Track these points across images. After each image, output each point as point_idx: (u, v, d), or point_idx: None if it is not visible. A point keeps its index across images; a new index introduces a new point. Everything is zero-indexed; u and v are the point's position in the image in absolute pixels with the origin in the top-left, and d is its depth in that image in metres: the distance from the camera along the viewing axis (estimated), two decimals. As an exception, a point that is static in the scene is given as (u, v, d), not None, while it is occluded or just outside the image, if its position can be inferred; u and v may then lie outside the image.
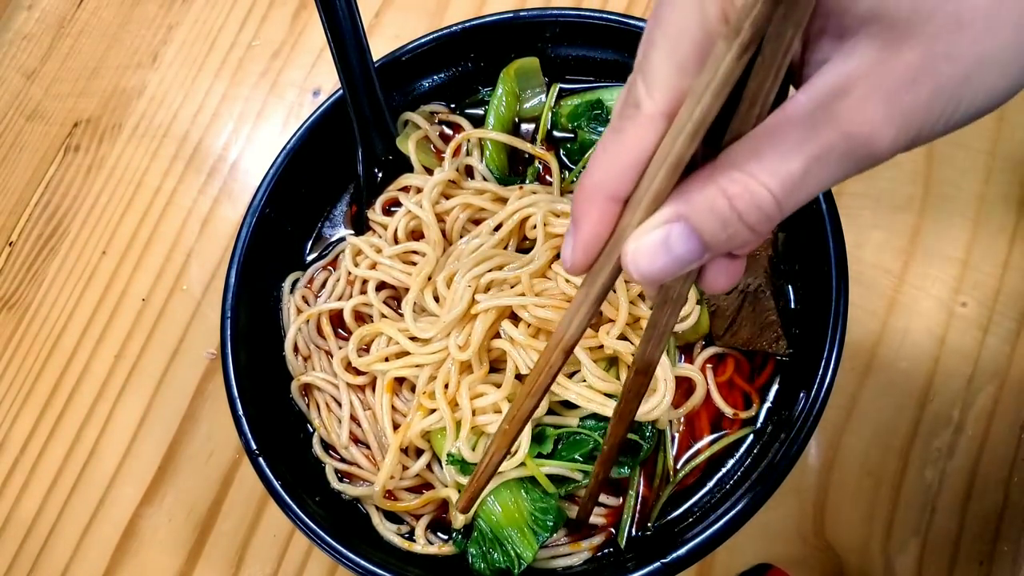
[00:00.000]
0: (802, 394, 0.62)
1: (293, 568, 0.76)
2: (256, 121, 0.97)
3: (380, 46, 0.76)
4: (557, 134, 0.79)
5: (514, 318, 0.67)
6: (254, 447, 0.66)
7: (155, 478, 0.82)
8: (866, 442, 0.70)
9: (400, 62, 0.77)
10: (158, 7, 1.07)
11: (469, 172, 0.78)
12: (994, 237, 0.75)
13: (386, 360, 0.70)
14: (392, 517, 0.69)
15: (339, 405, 0.73)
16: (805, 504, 0.70)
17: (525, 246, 0.73)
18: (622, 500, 0.66)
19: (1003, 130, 0.78)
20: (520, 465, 0.63)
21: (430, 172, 0.77)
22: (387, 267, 0.73)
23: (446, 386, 0.66)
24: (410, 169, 0.78)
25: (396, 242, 0.75)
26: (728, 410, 0.67)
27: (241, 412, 0.67)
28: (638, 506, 0.66)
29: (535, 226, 0.69)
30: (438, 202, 0.74)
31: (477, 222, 0.75)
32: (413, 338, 0.69)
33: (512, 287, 0.67)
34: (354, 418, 0.72)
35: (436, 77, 0.81)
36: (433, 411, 0.66)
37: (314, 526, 0.62)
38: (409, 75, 0.80)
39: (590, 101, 0.77)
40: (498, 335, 0.67)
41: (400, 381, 0.71)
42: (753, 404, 0.68)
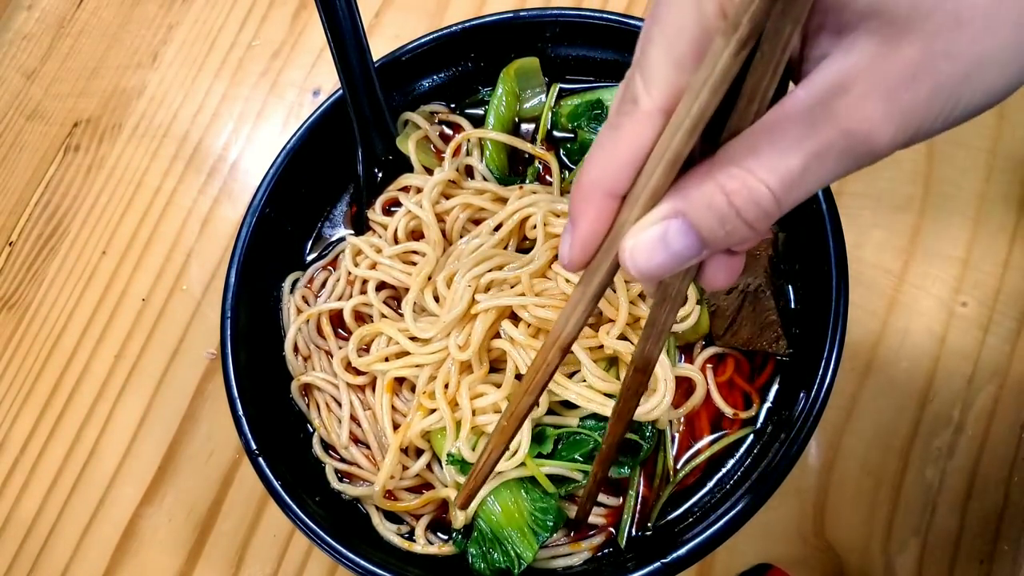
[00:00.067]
0: (802, 394, 0.62)
1: (293, 568, 0.76)
2: (256, 121, 0.97)
3: (380, 46, 0.76)
4: (557, 134, 0.79)
5: (514, 318, 0.67)
6: (254, 447, 0.66)
7: (155, 478, 0.82)
8: (866, 442, 0.70)
9: (400, 62, 0.77)
10: (158, 7, 1.07)
11: (469, 172, 0.78)
12: (994, 236, 0.75)
13: (386, 360, 0.70)
14: (392, 517, 0.69)
15: (339, 405, 0.73)
16: (805, 504, 0.69)
17: (525, 246, 0.73)
18: (622, 500, 0.66)
19: (1003, 129, 0.78)
20: (520, 465, 0.63)
21: (430, 172, 0.77)
22: (387, 267, 0.73)
23: (446, 386, 0.66)
24: (410, 169, 0.78)
25: (396, 242, 0.75)
26: (728, 410, 0.67)
27: (241, 412, 0.67)
28: (638, 506, 0.66)
29: (535, 226, 0.69)
30: (438, 202, 0.74)
31: (477, 222, 0.75)
32: (413, 338, 0.69)
33: (512, 287, 0.67)
34: (354, 418, 0.72)
35: (436, 77, 0.81)
36: (433, 411, 0.67)
37: (314, 526, 0.62)
38: (409, 75, 0.80)
39: (590, 101, 0.77)
40: (498, 335, 0.67)
41: (400, 381, 0.71)
42: (753, 404, 0.68)
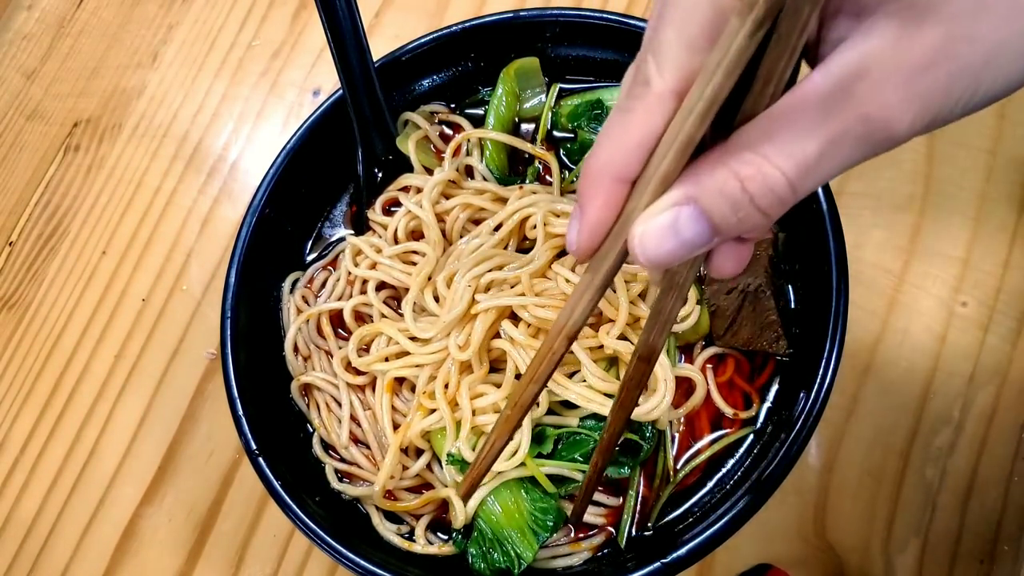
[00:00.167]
0: (802, 394, 0.62)
1: (293, 568, 0.76)
2: (256, 121, 0.97)
3: (380, 46, 0.76)
4: (557, 134, 0.79)
5: (514, 318, 0.67)
6: (254, 447, 0.66)
7: (155, 478, 0.82)
8: (866, 442, 0.70)
9: (400, 62, 0.77)
10: (158, 7, 1.07)
11: (469, 172, 0.78)
12: (995, 236, 0.75)
13: (386, 360, 0.70)
14: (392, 517, 0.69)
15: (339, 405, 0.73)
16: (805, 504, 0.69)
17: (525, 246, 0.73)
18: (622, 500, 0.66)
19: (1004, 128, 0.77)
20: (520, 465, 0.63)
21: (430, 172, 0.77)
22: (387, 267, 0.73)
23: (446, 386, 0.66)
24: (410, 169, 0.78)
25: (396, 242, 0.75)
26: (728, 410, 0.67)
27: (241, 412, 0.67)
28: (638, 506, 0.66)
29: (535, 226, 0.69)
30: (438, 202, 0.74)
31: (477, 222, 0.75)
32: (413, 338, 0.69)
33: (512, 287, 0.67)
34: (354, 418, 0.72)
35: (436, 77, 0.81)
36: (433, 411, 0.67)
37: (314, 526, 0.62)
38: (409, 75, 0.80)
39: (590, 101, 0.77)
40: (498, 335, 0.67)
41: (400, 381, 0.71)
42: (753, 404, 0.68)
